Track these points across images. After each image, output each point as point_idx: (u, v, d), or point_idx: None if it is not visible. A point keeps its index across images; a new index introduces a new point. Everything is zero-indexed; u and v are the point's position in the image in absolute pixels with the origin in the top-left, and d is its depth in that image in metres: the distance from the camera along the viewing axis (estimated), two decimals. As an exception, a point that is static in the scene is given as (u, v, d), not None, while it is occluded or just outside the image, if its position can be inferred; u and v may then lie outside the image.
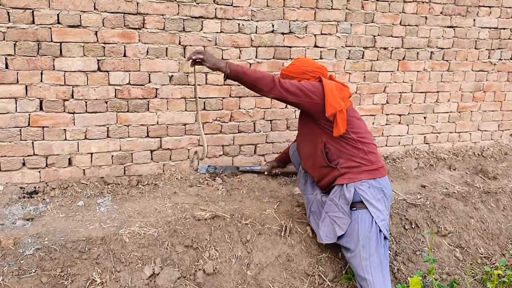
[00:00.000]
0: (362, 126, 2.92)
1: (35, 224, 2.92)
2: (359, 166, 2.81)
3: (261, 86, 2.77)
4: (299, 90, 2.78)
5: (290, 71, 2.99)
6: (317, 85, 2.83)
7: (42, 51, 3.09)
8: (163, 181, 3.54)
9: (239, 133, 3.77)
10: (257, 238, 3.01)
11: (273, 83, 2.75)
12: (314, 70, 2.95)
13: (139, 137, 3.48)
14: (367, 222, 2.73)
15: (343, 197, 2.78)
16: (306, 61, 3.07)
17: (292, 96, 2.78)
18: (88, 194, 3.28)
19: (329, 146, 2.85)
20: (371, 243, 2.69)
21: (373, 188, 2.78)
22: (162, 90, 3.45)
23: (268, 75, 2.79)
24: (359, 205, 2.76)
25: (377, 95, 4.16)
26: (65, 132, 3.28)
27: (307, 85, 2.81)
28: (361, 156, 2.82)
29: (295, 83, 2.80)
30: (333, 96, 2.76)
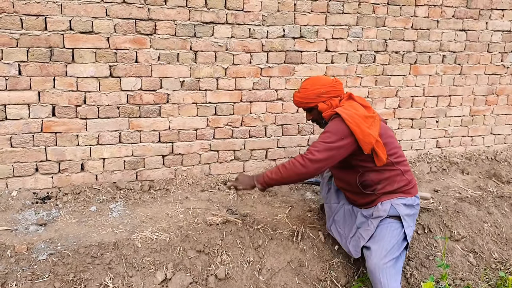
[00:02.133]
0: (394, 143, 2.80)
1: (48, 229, 2.94)
2: (396, 189, 2.76)
3: (296, 178, 2.68)
4: (329, 150, 2.60)
5: (304, 98, 2.83)
6: (341, 128, 2.62)
7: (54, 58, 3.11)
8: (175, 186, 3.54)
9: (250, 138, 3.77)
10: (269, 243, 3.00)
11: (303, 167, 2.61)
12: (329, 91, 2.78)
13: (151, 142, 3.49)
14: (397, 229, 2.69)
15: (376, 213, 2.74)
16: (317, 81, 2.84)
17: (328, 161, 2.62)
18: (100, 199, 3.30)
19: (365, 177, 2.76)
20: (394, 248, 2.65)
21: (409, 206, 2.76)
22: (174, 95, 3.46)
23: (293, 164, 2.64)
24: (393, 218, 2.73)
25: (389, 99, 4.14)
26: (78, 138, 3.30)
27: (332, 137, 2.61)
28: (399, 179, 2.76)
29: (321, 147, 2.60)
30: (363, 131, 2.59)
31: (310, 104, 2.83)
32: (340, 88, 2.82)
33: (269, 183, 2.76)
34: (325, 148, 2.60)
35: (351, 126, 2.59)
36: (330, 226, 3.01)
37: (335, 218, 3.00)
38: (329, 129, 2.66)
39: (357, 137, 2.58)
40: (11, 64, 3.03)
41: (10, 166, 3.19)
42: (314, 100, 2.80)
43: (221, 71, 3.54)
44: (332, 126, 2.66)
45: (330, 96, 2.77)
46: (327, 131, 2.66)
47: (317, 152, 2.60)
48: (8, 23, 2.96)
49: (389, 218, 2.71)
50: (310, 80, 2.88)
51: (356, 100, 2.79)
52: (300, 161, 2.63)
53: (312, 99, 2.80)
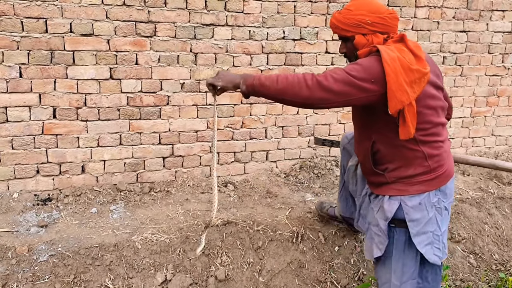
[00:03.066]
0: (432, 115, 2.10)
1: (49, 231, 2.95)
2: (412, 177, 2.12)
3: (292, 97, 2.01)
4: (349, 85, 1.95)
5: (342, 22, 2.13)
6: (376, 69, 1.95)
7: (55, 60, 3.13)
8: (175, 188, 3.55)
9: (250, 139, 3.77)
10: (269, 244, 3.00)
11: (307, 89, 1.97)
12: (375, 22, 2.08)
13: (151, 144, 3.50)
14: (404, 245, 2.16)
15: (382, 211, 2.18)
16: (366, 5, 2.11)
17: (341, 96, 1.97)
18: (101, 201, 3.31)
19: (378, 146, 2.15)
20: (405, 269, 2.16)
21: (426, 205, 2.12)
22: (174, 97, 3.47)
23: (298, 79, 1.99)
24: (399, 223, 2.15)
25: (389, 100, 4.13)
26: (78, 140, 3.31)
27: (361, 73, 1.95)
28: (417, 163, 2.11)
29: (341, 76, 1.95)
30: (399, 83, 1.92)
31: (347, 33, 2.14)
32: (392, 24, 2.12)
33: (257, 89, 2.06)
34: (345, 80, 1.95)
35: (387, 70, 1.91)
36: (358, 222, 2.47)
37: (361, 212, 2.44)
38: (362, 62, 2.01)
39: (389, 86, 1.91)
40: (12, 66, 3.05)
41: (11, 168, 3.20)
42: (352, 29, 2.11)
43: (221, 73, 3.54)
44: (366, 62, 2.00)
45: (374, 30, 2.09)
46: (358, 63, 2.01)
47: (332, 79, 1.95)
48: (8, 26, 2.98)
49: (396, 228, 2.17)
50: (358, 0, 2.16)
51: (409, 46, 2.04)
52: (307, 80, 1.98)
53: (351, 27, 2.11)
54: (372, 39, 2.09)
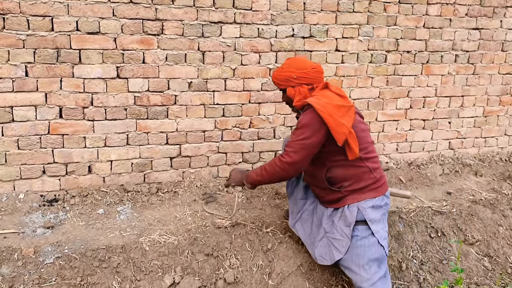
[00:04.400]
0: (366, 137, 2.62)
1: (55, 232, 2.90)
2: (363, 188, 2.57)
3: (278, 179, 2.63)
4: (305, 149, 2.46)
5: (276, 77, 2.66)
6: (314, 120, 2.43)
7: (61, 59, 3.08)
8: (183, 188, 3.49)
9: (258, 139, 3.71)
10: (279, 246, 2.94)
11: (283, 171, 2.53)
12: (300, 76, 2.57)
13: (159, 144, 3.44)
14: (369, 241, 2.52)
15: (344, 219, 2.56)
16: (295, 63, 2.64)
17: (306, 159, 2.50)
18: (108, 201, 3.26)
19: (332, 173, 2.58)
20: (372, 263, 2.50)
21: (376, 207, 2.57)
22: (181, 96, 3.41)
23: (273, 167, 2.57)
24: (361, 224, 2.54)
25: (401, 99, 4.06)
26: (85, 140, 3.26)
27: (306, 132, 2.44)
28: (366, 176, 2.57)
29: (297, 146, 2.47)
30: (335, 120, 2.41)
31: (281, 86, 2.67)
32: (315, 77, 2.60)
33: (256, 184, 2.72)
34: (301, 147, 2.46)
35: (323, 116, 2.39)
36: (295, 224, 2.85)
37: (302, 215, 2.85)
38: (302, 123, 2.47)
39: (330, 126, 2.40)
40: (18, 65, 3.00)
41: (17, 169, 3.16)
42: (283, 83, 2.63)
43: (229, 72, 3.49)
44: (305, 120, 2.47)
45: (300, 83, 2.58)
46: (300, 126, 2.48)
47: (293, 154, 2.48)
48: (14, 24, 2.94)
49: (358, 229, 2.53)
50: (290, 60, 2.70)
51: (332, 90, 2.58)
52: (278, 165, 2.54)
53: (282, 81, 2.63)
54: (299, 90, 2.59)
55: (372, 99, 3.96)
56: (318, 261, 2.67)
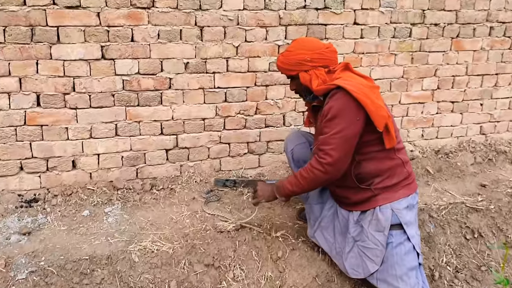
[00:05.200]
0: (395, 124, 2.31)
1: (32, 239, 2.52)
2: (396, 184, 2.24)
3: (320, 185, 2.29)
4: (346, 142, 2.11)
5: (285, 63, 2.29)
6: (350, 105, 2.07)
7: (36, 38, 2.66)
8: (181, 184, 3.09)
9: (266, 127, 3.30)
10: (291, 254, 2.53)
11: (325, 174, 2.14)
12: (315, 58, 2.23)
13: (152, 134, 3.04)
14: (405, 248, 2.20)
15: (375, 223, 2.23)
16: (304, 44, 2.29)
17: (349, 154, 2.14)
18: (94, 201, 2.86)
19: (362, 165, 2.22)
20: (411, 273, 2.18)
21: (411, 207, 2.25)
22: (177, 79, 2.99)
23: (312, 172, 2.17)
24: (395, 228, 2.21)
25: (427, 79, 3.60)
26: (67, 131, 2.86)
27: (343, 122, 2.08)
28: (399, 171, 2.25)
29: (335, 142, 2.09)
30: (374, 103, 2.09)
31: (292, 72, 2.30)
32: (331, 57, 2.27)
33: (291, 195, 2.36)
34: (341, 141, 2.10)
35: (360, 98, 2.05)
36: (314, 233, 2.50)
37: (321, 223, 2.49)
38: (335, 111, 2.10)
39: (369, 110, 2.06)
40: (-16, 46, 2.59)
41: (-10, 165, 2.77)
42: (295, 68, 2.27)
43: (232, 50, 3.05)
44: (338, 106, 2.10)
45: (314, 65, 2.24)
46: (333, 115, 2.10)
47: (333, 151, 2.10)
48: (-23, -3, 2.51)
49: (393, 235, 2.21)
50: (297, 42, 2.33)
51: (355, 72, 2.29)
52: (319, 168, 2.15)
53: (293, 66, 2.27)
54: (315, 73, 2.24)
55: (395, 79, 3.50)
56: (350, 275, 2.33)
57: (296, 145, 2.66)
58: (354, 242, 2.32)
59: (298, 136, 2.70)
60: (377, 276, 2.24)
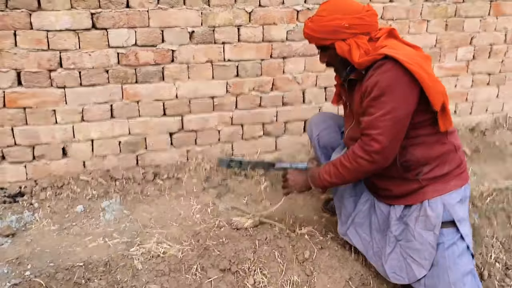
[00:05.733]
0: None
1: (17, 242, 2.16)
2: (447, 174, 1.90)
3: (364, 176, 1.93)
4: (396, 124, 1.75)
5: (316, 30, 1.89)
6: (402, 80, 1.72)
7: (12, 3, 2.27)
8: (188, 173, 2.72)
9: (283, 106, 2.92)
10: (319, 254, 2.17)
11: (372, 164, 1.81)
12: (354, 24, 1.83)
13: (154, 116, 2.67)
14: (459, 249, 1.86)
15: (424, 220, 1.88)
16: (339, 6, 1.88)
17: (398, 138, 1.79)
18: (89, 194, 2.50)
19: (410, 151, 1.87)
20: (466, 278, 1.84)
21: (464, 200, 1.93)
22: (181, 52, 2.59)
23: (357, 162, 1.84)
24: (446, 226, 1.87)
25: (462, 48, 3.20)
26: (55, 114, 2.49)
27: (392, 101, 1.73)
28: (451, 158, 1.91)
29: (384, 126, 1.74)
30: (431, 77, 1.74)
31: (325, 41, 1.90)
32: (371, 22, 1.89)
33: (328, 187, 2.03)
34: (390, 125, 1.75)
35: (414, 70, 1.68)
36: (347, 231, 2.16)
37: (355, 219, 2.14)
38: (383, 88, 1.74)
39: (426, 85, 1.71)
40: (-49, 14, 2.17)
41: (-34, 155, 2.39)
42: (329, 36, 1.87)
43: (244, 17, 2.66)
44: (386, 81, 1.73)
45: (354, 33, 1.84)
46: (381, 92, 1.74)
47: (381, 136, 1.76)
48: None
49: (443, 234, 1.87)
50: (329, 4, 1.92)
51: (401, 39, 1.92)
52: (364, 157, 1.82)
53: (327, 34, 1.87)
54: (356, 42, 1.85)
55: (427, 48, 3.10)
56: (390, 279, 1.97)
57: (322, 130, 2.29)
58: (397, 241, 1.97)
59: (324, 118, 2.33)
60: (425, 282, 1.89)
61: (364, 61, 1.81)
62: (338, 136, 2.27)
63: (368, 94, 1.78)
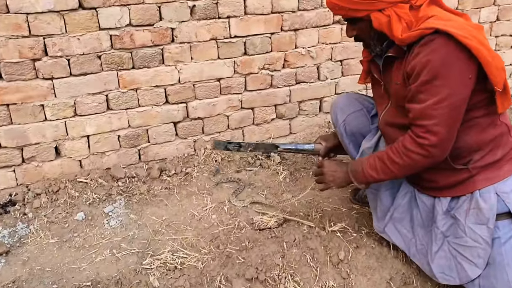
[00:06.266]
0: None
1: (12, 261, 1.90)
2: (500, 159, 1.67)
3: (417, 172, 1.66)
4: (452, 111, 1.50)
5: (346, 0, 1.62)
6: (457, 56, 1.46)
7: (-18, -17, 1.92)
8: (197, 166, 2.45)
9: (297, 84, 2.65)
10: (355, 254, 1.94)
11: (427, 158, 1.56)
12: None
13: (155, 104, 2.38)
14: None
15: (475, 213, 1.66)
16: None
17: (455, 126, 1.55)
18: (89, 198, 2.22)
19: (461, 137, 1.61)
20: None
21: None
22: (181, 30, 2.29)
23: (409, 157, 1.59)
24: (502, 217, 1.66)
25: (485, 9, 2.94)
26: (44, 109, 2.18)
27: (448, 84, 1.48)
28: (504, 140, 1.68)
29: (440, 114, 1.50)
30: (491, 52, 1.48)
31: (357, 13, 1.63)
32: None
33: (374, 182, 1.78)
34: (447, 113, 1.50)
35: (472, 45, 1.43)
36: (385, 227, 1.93)
37: (394, 214, 1.91)
38: (436, 69, 1.48)
39: (485, 62, 1.45)
40: None
41: None
42: (363, 7, 1.60)
43: (251, -15, 2.33)
44: (439, 61, 1.47)
45: (393, 1, 1.57)
46: (434, 75, 1.48)
47: (438, 127, 1.52)
48: None
49: (499, 226, 1.66)
50: None
51: (445, 7, 1.65)
52: (419, 152, 1.57)
53: (360, 5, 1.60)
54: (396, 13, 1.58)
55: (450, 11, 2.79)
56: (438, 280, 1.76)
57: (349, 115, 2.03)
58: (444, 238, 1.74)
59: (350, 100, 2.06)
60: (479, 283, 1.67)
61: (409, 37, 1.53)
62: (367, 120, 2.01)
63: (416, 77, 1.52)
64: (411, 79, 1.54)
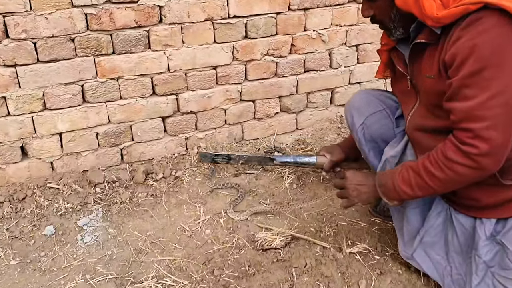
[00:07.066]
0: None
1: (-39, 292, 1.57)
2: None
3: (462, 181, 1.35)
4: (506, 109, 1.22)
5: None
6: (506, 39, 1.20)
7: None
8: (189, 169, 2.15)
9: (305, 72, 2.39)
10: (378, 282, 1.64)
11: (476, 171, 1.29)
12: None
13: (140, 96, 2.09)
14: None
15: None
16: None
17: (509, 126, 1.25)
18: (61, 208, 1.91)
19: None
20: None
21: None
22: (171, 8, 1.99)
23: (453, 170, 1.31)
24: None
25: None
26: (6, 102, 1.87)
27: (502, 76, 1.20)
28: None
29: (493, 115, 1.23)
30: None
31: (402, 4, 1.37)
32: None
33: (407, 200, 1.51)
34: (502, 113, 1.23)
35: None
36: (413, 253, 1.64)
37: (424, 238, 1.63)
38: (484, 58, 1.21)
39: None
40: None
41: None
42: None
43: (253, -44, 2.02)
44: (490, 46, 1.21)
45: None
46: (483, 65, 1.21)
47: (489, 131, 1.24)
48: None
49: None
50: None
51: None
52: (465, 163, 1.29)
53: None
54: None
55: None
56: None
57: (368, 116, 1.74)
58: (488, 269, 1.47)
59: (369, 99, 1.76)
60: None
61: (449, 15, 1.24)
62: (391, 123, 1.72)
63: (458, 68, 1.24)
64: (451, 70, 1.25)
